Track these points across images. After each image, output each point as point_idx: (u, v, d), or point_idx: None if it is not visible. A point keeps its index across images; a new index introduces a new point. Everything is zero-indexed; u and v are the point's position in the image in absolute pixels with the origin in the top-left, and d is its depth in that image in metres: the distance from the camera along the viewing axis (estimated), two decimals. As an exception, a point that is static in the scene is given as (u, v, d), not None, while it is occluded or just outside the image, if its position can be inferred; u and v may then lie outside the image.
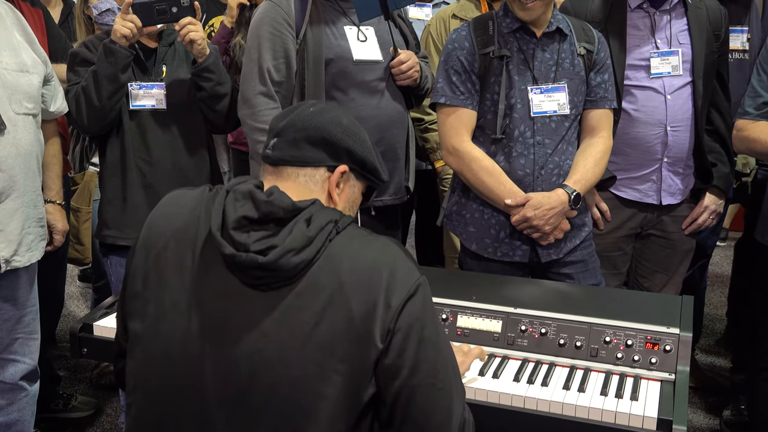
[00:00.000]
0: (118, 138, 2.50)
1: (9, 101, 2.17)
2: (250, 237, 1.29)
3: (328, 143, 1.41)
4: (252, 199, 1.32)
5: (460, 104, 2.25)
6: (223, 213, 1.32)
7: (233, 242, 1.29)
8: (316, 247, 1.29)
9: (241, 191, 1.34)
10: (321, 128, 1.41)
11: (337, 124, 1.42)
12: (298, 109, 1.45)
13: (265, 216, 1.31)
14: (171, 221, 1.40)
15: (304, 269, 1.29)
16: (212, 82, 2.49)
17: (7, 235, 2.18)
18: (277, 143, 1.42)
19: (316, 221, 1.31)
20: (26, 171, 2.22)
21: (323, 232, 1.31)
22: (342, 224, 1.34)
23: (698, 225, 2.62)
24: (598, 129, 2.30)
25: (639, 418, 1.58)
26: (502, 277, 2.18)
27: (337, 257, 1.30)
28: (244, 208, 1.31)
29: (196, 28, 2.42)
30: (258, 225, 1.31)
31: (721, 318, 4.13)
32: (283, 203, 1.31)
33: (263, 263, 1.27)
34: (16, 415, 2.36)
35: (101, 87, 2.36)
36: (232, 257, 1.29)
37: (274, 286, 1.29)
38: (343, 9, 2.49)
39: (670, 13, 2.48)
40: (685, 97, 2.47)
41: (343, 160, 1.43)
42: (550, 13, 2.23)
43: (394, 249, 1.36)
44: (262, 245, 1.28)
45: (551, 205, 2.18)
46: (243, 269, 1.30)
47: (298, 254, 1.28)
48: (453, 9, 3.05)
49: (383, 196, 2.55)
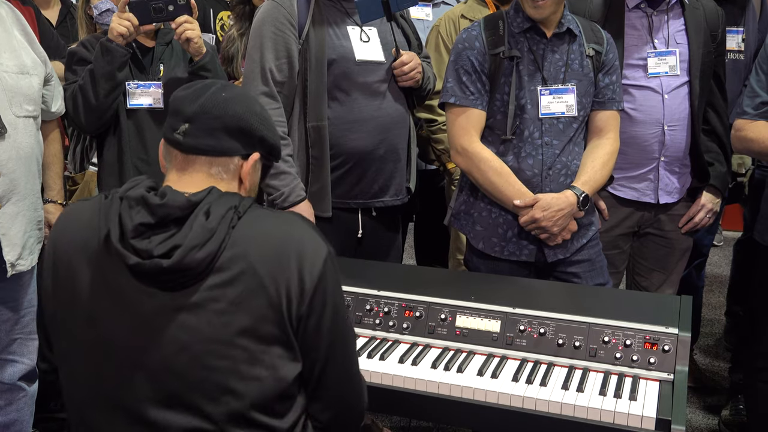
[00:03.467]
0: (116, 137, 2.49)
1: (9, 104, 2.16)
2: (151, 242, 1.29)
3: (244, 133, 1.40)
4: (146, 205, 1.31)
5: (469, 104, 2.24)
6: (120, 222, 1.31)
7: (135, 251, 1.29)
8: (219, 238, 1.29)
9: (134, 198, 1.33)
10: (238, 117, 1.39)
11: (252, 113, 1.41)
12: (207, 92, 1.40)
13: (161, 219, 1.31)
14: (72, 237, 1.39)
15: (212, 261, 1.29)
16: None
17: (11, 239, 2.18)
18: (190, 130, 1.37)
19: (215, 211, 1.31)
20: (27, 174, 2.22)
21: (224, 221, 1.31)
22: (242, 208, 1.35)
23: (695, 223, 2.62)
24: (605, 130, 2.30)
25: (638, 418, 1.58)
26: (500, 277, 2.18)
27: (243, 242, 1.32)
28: (139, 215, 1.30)
29: (193, 27, 2.41)
30: (157, 229, 1.31)
31: (719, 318, 4.13)
32: (177, 203, 1.31)
33: (167, 267, 1.27)
34: (15, 415, 2.36)
35: (98, 85, 2.36)
36: (137, 266, 1.29)
37: (186, 284, 1.30)
38: (345, 9, 2.49)
39: (668, 13, 2.48)
40: (682, 97, 2.48)
41: (257, 148, 1.43)
42: (560, 13, 2.22)
43: (299, 224, 1.38)
44: (165, 247, 1.28)
45: (560, 207, 2.18)
46: (150, 275, 1.30)
47: (202, 249, 1.28)
48: (462, 9, 3.03)
49: (384, 197, 2.55)
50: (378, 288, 2.00)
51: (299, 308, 1.32)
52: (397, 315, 1.94)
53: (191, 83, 1.46)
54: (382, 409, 2.42)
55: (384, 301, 1.97)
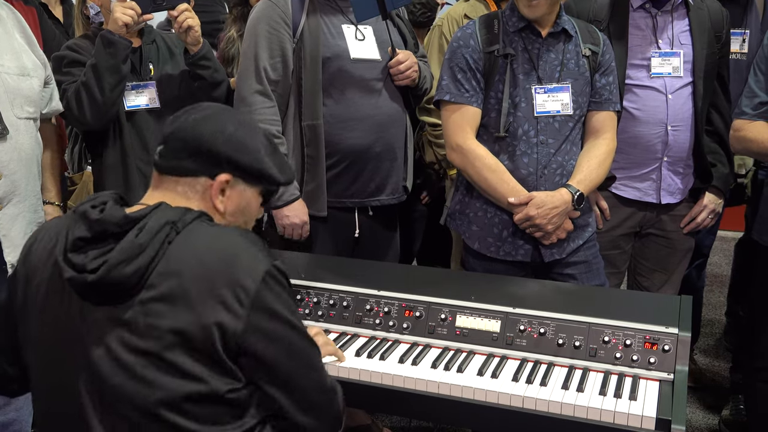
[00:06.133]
0: (118, 140, 2.47)
1: (11, 105, 2.16)
2: (87, 257, 1.30)
3: (207, 154, 1.41)
4: (85, 219, 1.33)
5: (464, 102, 2.24)
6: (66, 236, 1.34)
7: (72, 265, 1.30)
8: (151, 253, 1.29)
9: (79, 212, 1.35)
10: (200, 138, 1.41)
11: (219, 133, 1.42)
12: (184, 115, 1.45)
13: (99, 234, 1.32)
14: (39, 249, 1.42)
15: (144, 276, 1.28)
16: (210, 70, 2.49)
17: (12, 240, 2.18)
18: (163, 151, 1.44)
19: (149, 227, 1.31)
20: (28, 175, 2.22)
21: (158, 237, 1.30)
22: (182, 223, 1.34)
23: (697, 224, 2.62)
24: (602, 131, 2.30)
25: (638, 418, 1.58)
26: (500, 277, 2.18)
27: (178, 258, 1.30)
28: (79, 230, 1.32)
29: (192, 15, 2.40)
30: (95, 243, 1.32)
31: (719, 318, 4.13)
32: (114, 218, 1.32)
33: (91, 281, 1.27)
34: (14, 414, 2.35)
35: (103, 80, 2.31)
36: (71, 280, 1.30)
37: (119, 299, 1.30)
38: (341, 8, 2.49)
39: (672, 13, 2.48)
40: (686, 97, 2.48)
41: (225, 169, 1.42)
42: (556, 13, 2.23)
43: (238, 241, 1.35)
44: (97, 263, 1.29)
45: (554, 204, 2.18)
46: (82, 289, 1.31)
47: (130, 264, 1.27)
48: (465, 9, 3.03)
49: (381, 196, 2.55)
50: (378, 288, 2.00)
51: (235, 328, 1.29)
52: (397, 315, 1.94)
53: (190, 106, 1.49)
54: (382, 409, 2.42)
55: (384, 301, 1.96)
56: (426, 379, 1.73)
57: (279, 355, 1.34)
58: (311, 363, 1.41)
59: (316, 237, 2.52)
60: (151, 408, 1.29)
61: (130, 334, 1.29)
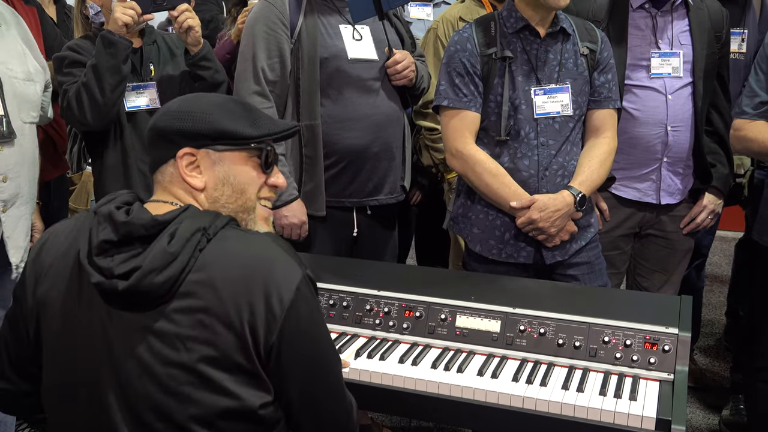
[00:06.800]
0: (118, 141, 2.47)
1: (18, 110, 2.17)
2: (114, 261, 1.26)
3: (160, 137, 1.38)
4: (111, 222, 1.29)
5: (463, 106, 2.23)
6: (90, 238, 1.30)
7: (99, 269, 1.26)
8: (182, 262, 1.25)
9: (102, 214, 1.31)
10: (152, 128, 1.40)
11: (164, 114, 1.39)
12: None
13: (125, 237, 1.28)
14: (51, 250, 1.38)
15: (175, 285, 1.25)
16: (211, 70, 2.49)
17: (15, 242, 2.19)
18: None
19: (181, 233, 1.26)
20: (30, 178, 2.23)
21: (190, 244, 1.26)
22: (213, 229, 1.30)
23: (696, 224, 2.62)
24: (602, 129, 2.29)
25: (638, 418, 1.58)
26: (500, 277, 2.18)
27: (210, 266, 1.27)
28: (104, 232, 1.28)
29: (193, 15, 2.40)
30: (122, 247, 1.28)
31: (719, 318, 4.13)
32: (141, 221, 1.28)
33: (123, 289, 1.24)
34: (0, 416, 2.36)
35: (104, 80, 2.30)
36: (99, 284, 1.26)
37: (148, 306, 1.26)
38: (338, 8, 2.49)
39: (672, 13, 2.48)
40: (686, 98, 2.48)
41: (180, 143, 1.36)
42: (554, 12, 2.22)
43: (272, 247, 1.32)
44: (125, 267, 1.25)
45: (557, 207, 2.17)
46: (110, 295, 1.27)
47: (161, 273, 1.24)
48: (459, 11, 3.02)
49: (379, 195, 2.55)
50: (378, 288, 1.99)
51: (268, 338, 1.26)
52: (397, 315, 1.94)
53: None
54: (382, 409, 2.42)
55: (384, 301, 1.96)
56: (426, 380, 1.73)
57: (306, 367, 1.32)
58: (336, 377, 1.40)
59: (315, 237, 2.52)
60: (183, 423, 1.27)
61: (161, 344, 1.25)
